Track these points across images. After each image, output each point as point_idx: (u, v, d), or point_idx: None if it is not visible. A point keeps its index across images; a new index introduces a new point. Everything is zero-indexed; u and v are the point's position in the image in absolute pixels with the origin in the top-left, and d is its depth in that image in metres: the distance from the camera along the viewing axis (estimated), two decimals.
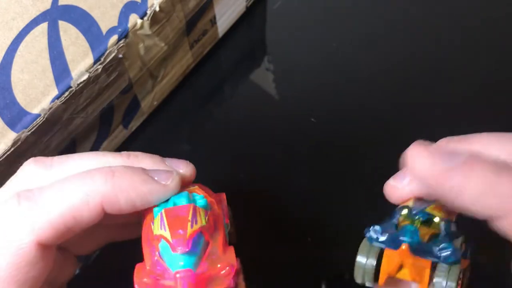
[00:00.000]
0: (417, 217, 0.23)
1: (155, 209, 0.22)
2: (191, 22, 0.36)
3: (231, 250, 0.21)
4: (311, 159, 0.38)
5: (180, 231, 0.20)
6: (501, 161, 0.20)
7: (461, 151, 0.20)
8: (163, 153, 0.25)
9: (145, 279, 0.20)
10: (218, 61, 0.43)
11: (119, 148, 0.39)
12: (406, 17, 0.45)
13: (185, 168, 0.23)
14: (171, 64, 0.38)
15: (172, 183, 0.22)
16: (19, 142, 0.27)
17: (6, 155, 0.27)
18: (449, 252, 0.21)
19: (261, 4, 0.45)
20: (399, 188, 0.24)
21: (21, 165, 0.28)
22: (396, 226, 0.23)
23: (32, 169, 0.22)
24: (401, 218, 0.23)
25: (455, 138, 0.22)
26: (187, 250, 0.20)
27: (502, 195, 0.18)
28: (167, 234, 0.20)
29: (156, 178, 0.22)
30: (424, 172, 0.20)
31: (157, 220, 0.21)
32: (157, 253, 0.21)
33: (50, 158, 0.23)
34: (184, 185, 0.23)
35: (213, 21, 0.40)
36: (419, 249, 0.22)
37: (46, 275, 0.21)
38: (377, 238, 0.22)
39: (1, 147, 0.27)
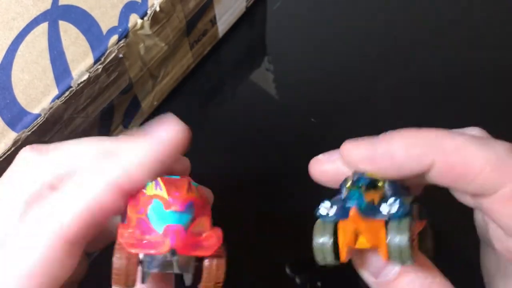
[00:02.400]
0: (360, 183, 0.22)
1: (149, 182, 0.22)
2: (191, 22, 0.36)
3: (219, 229, 0.21)
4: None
5: (177, 193, 0.20)
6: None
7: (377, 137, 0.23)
8: None
9: (129, 230, 0.20)
10: (218, 61, 0.43)
11: None
12: (406, 17, 0.45)
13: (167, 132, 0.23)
14: (171, 64, 0.38)
15: (171, 134, 0.22)
16: (19, 142, 0.27)
17: (6, 155, 0.27)
18: (397, 205, 0.21)
19: (261, 4, 0.45)
20: (324, 161, 0.25)
21: None
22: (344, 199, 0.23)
23: (29, 156, 0.22)
24: (346, 191, 0.23)
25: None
26: (181, 210, 0.20)
27: (424, 144, 0.21)
28: (163, 193, 0.20)
29: (155, 135, 0.22)
30: (358, 157, 0.23)
31: (151, 184, 0.21)
32: (144, 215, 0.21)
33: (46, 145, 0.23)
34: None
35: (213, 21, 0.40)
36: (367, 210, 0.21)
37: (69, 274, 0.21)
38: (327, 214, 0.22)
39: (1, 147, 0.27)
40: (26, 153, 0.23)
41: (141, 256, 0.21)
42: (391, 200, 0.21)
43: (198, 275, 0.21)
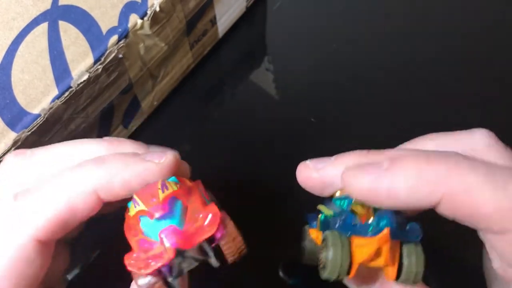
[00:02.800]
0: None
1: (129, 203, 0.22)
2: (191, 22, 0.36)
3: (212, 204, 0.21)
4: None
5: (154, 199, 0.20)
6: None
7: (379, 159, 0.21)
8: None
9: (134, 255, 0.20)
10: (218, 61, 0.43)
11: None
12: (406, 17, 0.45)
13: (161, 158, 0.22)
14: (171, 64, 0.38)
15: (165, 160, 0.22)
16: (19, 142, 0.27)
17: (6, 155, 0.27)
18: (419, 230, 0.21)
19: (261, 4, 0.45)
20: (311, 167, 0.24)
21: None
22: (352, 213, 0.22)
23: (13, 161, 0.22)
24: (354, 206, 0.22)
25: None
26: (164, 212, 0.20)
27: (432, 181, 0.20)
28: (142, 207, 0.20)
29: (148, 159, 0.22)
30: (360, 189, 0.21)
31: (131, 205, 0.21)
32: (140, 234, 0.21)
33: (30, 149, 0.23)
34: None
35: (213, 21, 0.40)
36: (397, 233, 0.21)
37: (45, 271, 0.21)
38: (354, 226, 0.21)
39: (1, 147, 0.27)
40: (10, 158, 0.23)
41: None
42: (412, 224, 0.21)
43: (221, 253, 0.21)
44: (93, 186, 0.21)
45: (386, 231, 0.20)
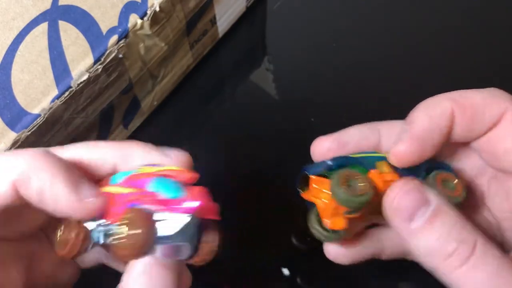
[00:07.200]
0: None
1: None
2: (191, 22, 0.36)
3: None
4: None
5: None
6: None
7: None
8: None
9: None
10: (218, 61, 0.43)
11: None
12: (406, 17, 0.45)
13: (177, 156, 0.24)
14: (171, 64, 0.38)
15: (91, 203, 0.21)
16: (19, 142, 0.27)
17: None
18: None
19: (261, 4, 0.45)
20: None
21: None
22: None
23: None
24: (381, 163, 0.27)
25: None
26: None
27: (437, 102, 0.26)
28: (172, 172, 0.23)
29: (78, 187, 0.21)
30: (407, 154, 0.26)
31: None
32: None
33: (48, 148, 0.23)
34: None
35: (213, 21, 0.40)
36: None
37: None
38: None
39: (1, 147, 0.27)
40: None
41: None
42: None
43: None
44: (13, 175, 0.20)
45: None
